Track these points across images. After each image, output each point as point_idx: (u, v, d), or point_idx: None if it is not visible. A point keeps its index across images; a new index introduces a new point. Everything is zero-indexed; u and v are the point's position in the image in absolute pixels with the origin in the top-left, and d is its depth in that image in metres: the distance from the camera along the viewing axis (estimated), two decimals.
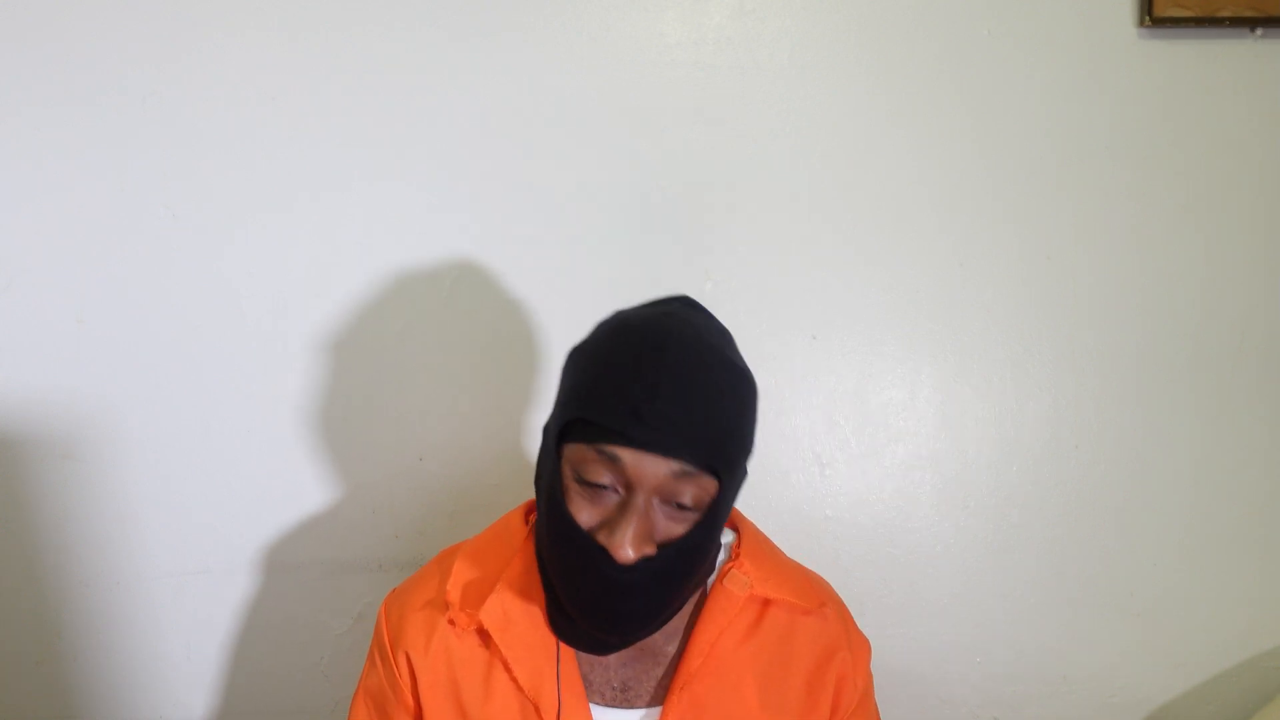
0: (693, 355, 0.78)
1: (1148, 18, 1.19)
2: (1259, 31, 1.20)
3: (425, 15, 1.20)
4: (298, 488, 1.24)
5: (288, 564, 1.25)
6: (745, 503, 1.08)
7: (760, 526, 1.02)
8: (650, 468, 0.75)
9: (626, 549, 0.76)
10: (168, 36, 1.20)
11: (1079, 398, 1.25)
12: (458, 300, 1.23)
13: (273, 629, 1.26)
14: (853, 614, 1.01)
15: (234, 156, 1.21)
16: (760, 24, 1.22)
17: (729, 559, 0.92)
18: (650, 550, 0.78)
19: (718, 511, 0.81)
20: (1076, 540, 1.26)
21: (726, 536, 0.96)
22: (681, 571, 0.81)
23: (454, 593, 0.89)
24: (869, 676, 0.96)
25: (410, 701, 0.91)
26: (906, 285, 1.24)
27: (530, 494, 1.22)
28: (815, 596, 0.93)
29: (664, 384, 0.75)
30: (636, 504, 0.77)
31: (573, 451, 0.78)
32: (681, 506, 0.78)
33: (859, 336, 1.24)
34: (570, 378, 0.82)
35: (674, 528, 0.79)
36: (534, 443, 1.24)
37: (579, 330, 1.24)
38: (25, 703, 1.26)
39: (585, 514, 0.79)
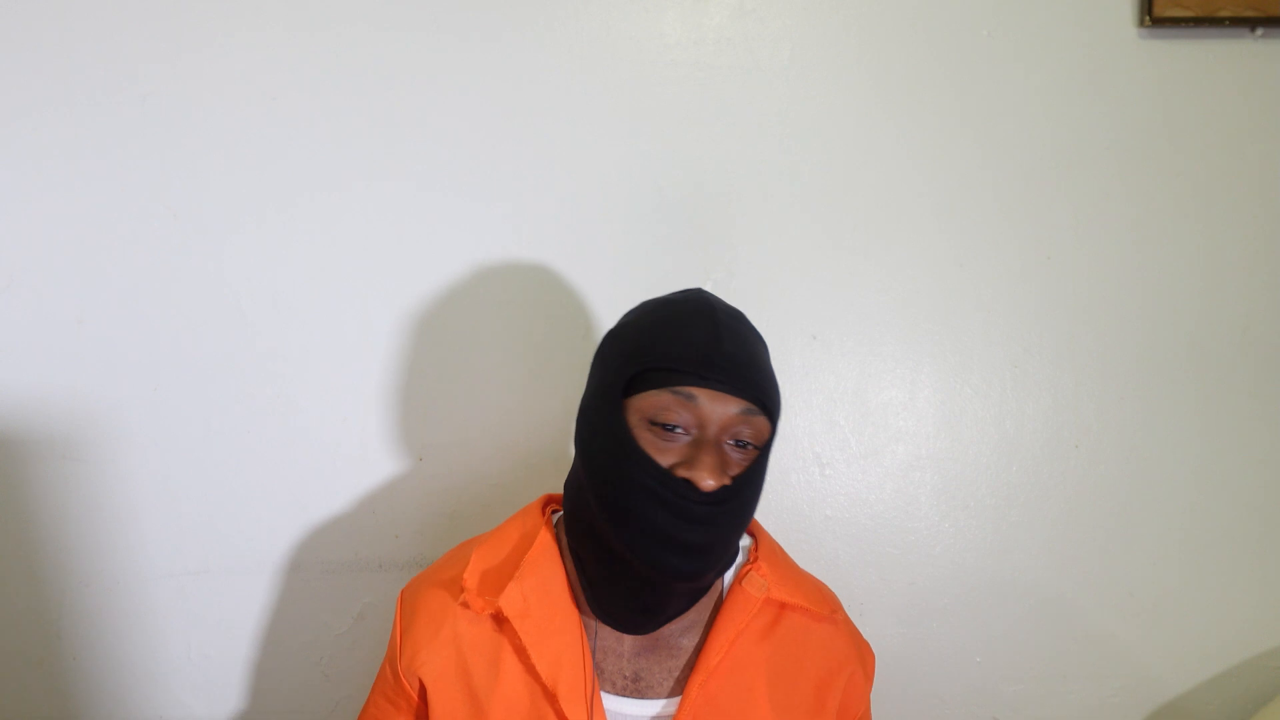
0: (736, 317, 0.89)
1: (1148, 18, 1.19)
2: (1259, 31, 1.20)
3: (425, 15, 1.21)
4: (298, 488, 1.24)
5: (288, 564, 1.25)
6: None
7: (761, 527, 1.02)
8: (722, 405, 0.83)
9: (708, 478, 0.81)
10: (168, 36, 1.20)
11: (1079, 398, 1.25)
12: (457, 300, 1.23)
13: (273, 629, 1.26)
14: (852, 614, 1.01)
15: (234, 156, 1.21)
16: (760, 24, 1.22)
17: (747, 561, 0.95)
18: (726, 480, 0.83)
19: (767, 455, 0.87)
20: (1076, 540, 1.26)
21: (744, 540, 0.98)
22: (745, 505, 0.86)
23: (471, 579, 0.91)
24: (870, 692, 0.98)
25: (412, 694, 0.92)
26: (906, 285, 1.24)
27: (532, 493, 1.22)
28: (827, 604, 0.95)
29: (724, 335, 0.85)
30: (710, 439, 0.83)
31: (645, 400, 0.84)
32: (743, 444, 0.85)
33: (859, 336, 1.25)
34: (622, 345, 0.88)
35: (738, 464, 0.85)
36: (534, 442, 1.24)
37: (578, 329, 1.25)
38: (25, 703, 1.26)
39: (661, 456, 0.83)
